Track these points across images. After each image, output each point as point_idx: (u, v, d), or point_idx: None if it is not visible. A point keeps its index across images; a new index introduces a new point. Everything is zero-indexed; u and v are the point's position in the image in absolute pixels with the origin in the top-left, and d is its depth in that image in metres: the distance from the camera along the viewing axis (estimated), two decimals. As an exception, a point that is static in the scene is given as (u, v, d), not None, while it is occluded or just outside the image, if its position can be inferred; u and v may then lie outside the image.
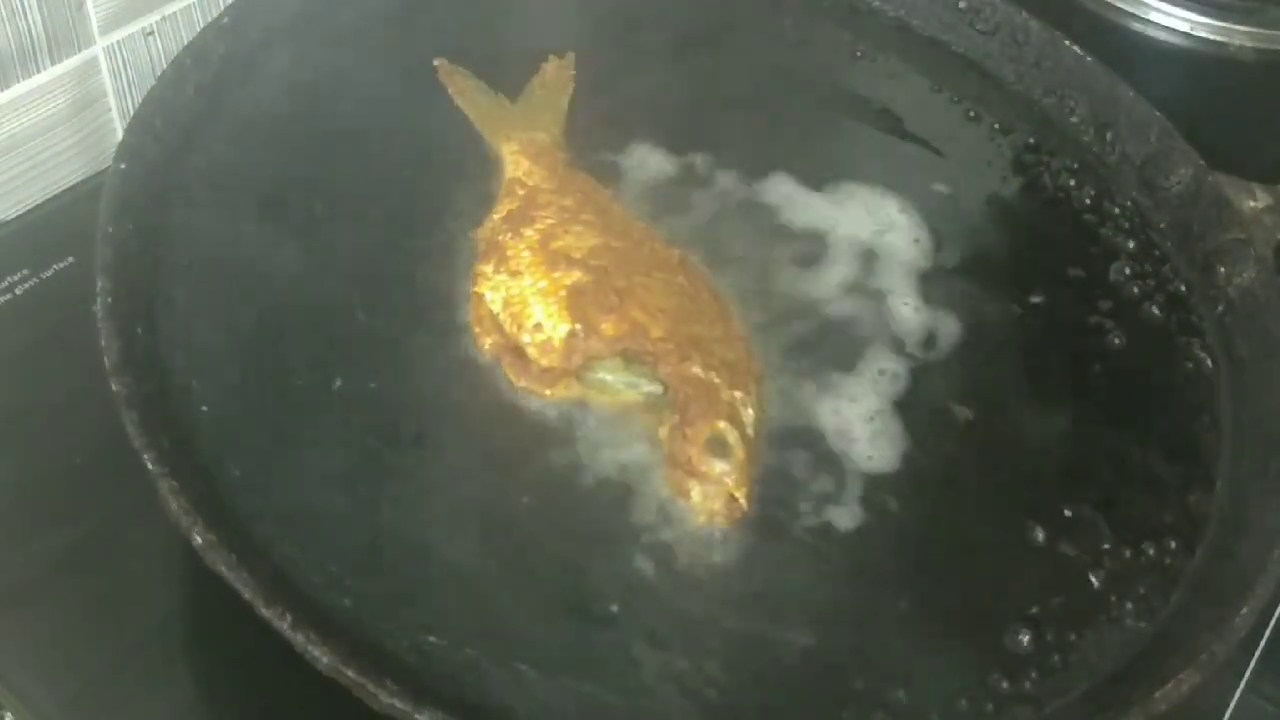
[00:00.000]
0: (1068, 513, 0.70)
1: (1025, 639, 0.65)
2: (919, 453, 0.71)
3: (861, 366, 0.75)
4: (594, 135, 0.82)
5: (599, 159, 0.81)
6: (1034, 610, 0.66)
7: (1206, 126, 0.87)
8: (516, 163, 0.78)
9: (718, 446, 0.66)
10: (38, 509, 0.70)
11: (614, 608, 0.64)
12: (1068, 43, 0.89)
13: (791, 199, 0.82)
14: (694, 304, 0.73)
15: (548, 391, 0.69)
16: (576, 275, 0.71)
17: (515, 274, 0.72)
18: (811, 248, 0.80)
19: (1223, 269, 0.80)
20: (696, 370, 0.68)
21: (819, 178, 0.83)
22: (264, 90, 0.80)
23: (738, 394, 0.68)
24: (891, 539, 0.68)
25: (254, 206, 0.75)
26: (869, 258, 0.80)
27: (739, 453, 0.66)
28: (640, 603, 0.64)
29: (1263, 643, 0.69)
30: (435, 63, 0.82)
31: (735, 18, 0.91)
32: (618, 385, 0.70)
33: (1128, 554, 0.69)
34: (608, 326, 0.69)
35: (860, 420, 0.72)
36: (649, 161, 0.82)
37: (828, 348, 0.75)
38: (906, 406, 0.73)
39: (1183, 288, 0.81)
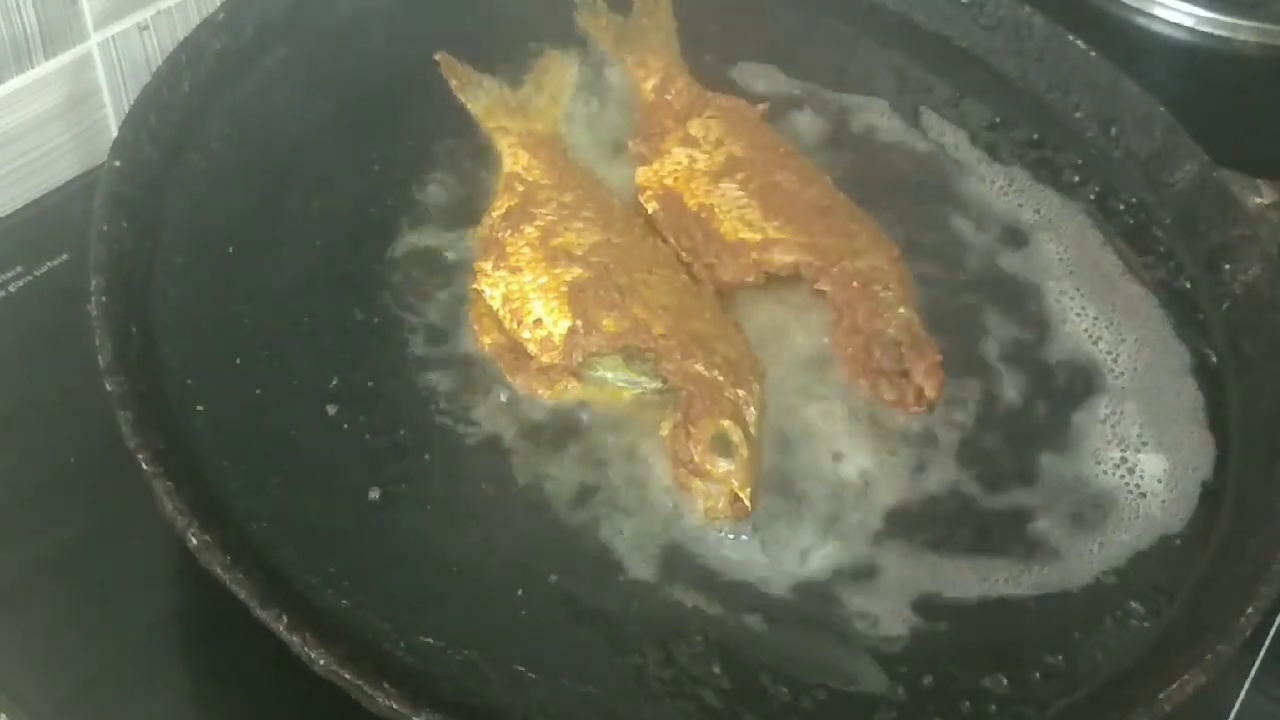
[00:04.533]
0: (1075, 509, 0.70)
1: (1030, 638, 0.65)
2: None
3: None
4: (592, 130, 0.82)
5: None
6: (1038, 609, 0.66)
7: (1211, 122, 0.87)
8: (515, 156, 0.78)
9: (722, 445, 0.66)
10: (31, 509, 0.70)
11: (614, 608, 0.63)
12: (1071, 37, 0.88)
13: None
14: (696, 301, 0.72)
15: (547, 391, 0.69)
16: (577, 271, 0.71)
17: (515, 270, 0.72)
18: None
19: (1228, 265, 0.79)
20: (699, 368, 0.68)
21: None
22: (260, 86, 0.80)
23: (740, 392, 0.68)
24: (894, 538, 0.68)
25: (250, 204, 0.75)
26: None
27: (743, 451, 0.66)
28: (640, 602, 0.64)
29: (1268, 642, 0.68)
30: (436, 56, 0.82)
31: (737, 11, 0.91)
32: (618, 383, 0.70)
33: (1132, 552, 0.68)
34: (609, 323, 0.69)
35: (859, 415, 0.72)
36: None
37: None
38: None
39: (1188, 284, 0.81)
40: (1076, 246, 0.81)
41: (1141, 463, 0.72)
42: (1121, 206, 0.84)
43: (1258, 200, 0.82)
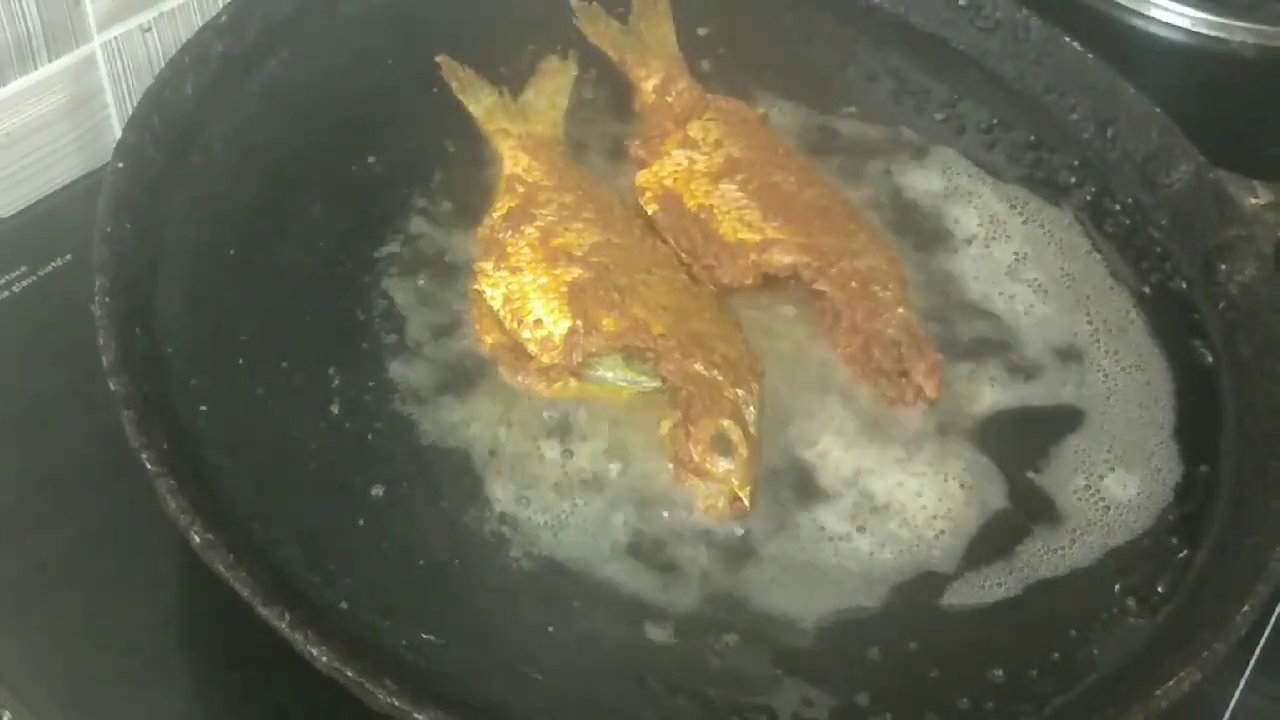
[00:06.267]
0: (1070, 509, 0.70)
1: (1026, 635, 0.65)
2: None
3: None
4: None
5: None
6: (1035, 606, 0.66)
7: (1207, 123, 0.87)
8: (516, 158, 0.78)
9: (721, 445, 0.66)
10: (36, 508, 0.70)
11: (614, 607, 0.63)
12: (1068, 39, 0.89)
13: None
14: (696, 301, 0.72)
15: (547, 391, 0.69)
16: (577, 272, 0.71)
17: (515, 270, 0.72)
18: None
19: (1224, 266, 0.80)
20: (699, 368, 0.68)
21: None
22: (263, 88, 0.80)
23: (740, 391, 0.68)
24: (892, 538, 0.68)
25: (253, 205, 0.75)
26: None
27: (742, 451, 0.66)
28: (642, 603, 0.64)
29: (1263, 640, 0.68)
30: (437, 59, 0.82)
31: (736, 13, 0.91)
32: (618, 383, 0.70)
33: (1129, 551, 0.69)
34: (608, 323, 0.69)
35: (858, 416, 0.72)
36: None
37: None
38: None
39: (1184, 285, 0.81)
40: (1068, 251, 0.82)
41: (1135, 464, 0.73)
42: (1117, 207, 0.85)
43: (1253, 201, 0.82)
